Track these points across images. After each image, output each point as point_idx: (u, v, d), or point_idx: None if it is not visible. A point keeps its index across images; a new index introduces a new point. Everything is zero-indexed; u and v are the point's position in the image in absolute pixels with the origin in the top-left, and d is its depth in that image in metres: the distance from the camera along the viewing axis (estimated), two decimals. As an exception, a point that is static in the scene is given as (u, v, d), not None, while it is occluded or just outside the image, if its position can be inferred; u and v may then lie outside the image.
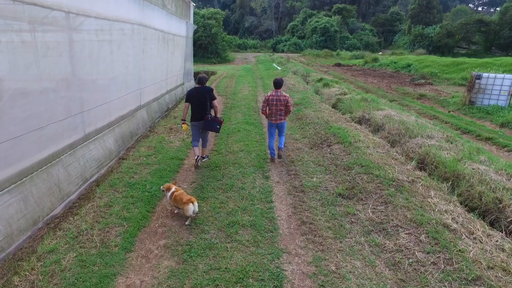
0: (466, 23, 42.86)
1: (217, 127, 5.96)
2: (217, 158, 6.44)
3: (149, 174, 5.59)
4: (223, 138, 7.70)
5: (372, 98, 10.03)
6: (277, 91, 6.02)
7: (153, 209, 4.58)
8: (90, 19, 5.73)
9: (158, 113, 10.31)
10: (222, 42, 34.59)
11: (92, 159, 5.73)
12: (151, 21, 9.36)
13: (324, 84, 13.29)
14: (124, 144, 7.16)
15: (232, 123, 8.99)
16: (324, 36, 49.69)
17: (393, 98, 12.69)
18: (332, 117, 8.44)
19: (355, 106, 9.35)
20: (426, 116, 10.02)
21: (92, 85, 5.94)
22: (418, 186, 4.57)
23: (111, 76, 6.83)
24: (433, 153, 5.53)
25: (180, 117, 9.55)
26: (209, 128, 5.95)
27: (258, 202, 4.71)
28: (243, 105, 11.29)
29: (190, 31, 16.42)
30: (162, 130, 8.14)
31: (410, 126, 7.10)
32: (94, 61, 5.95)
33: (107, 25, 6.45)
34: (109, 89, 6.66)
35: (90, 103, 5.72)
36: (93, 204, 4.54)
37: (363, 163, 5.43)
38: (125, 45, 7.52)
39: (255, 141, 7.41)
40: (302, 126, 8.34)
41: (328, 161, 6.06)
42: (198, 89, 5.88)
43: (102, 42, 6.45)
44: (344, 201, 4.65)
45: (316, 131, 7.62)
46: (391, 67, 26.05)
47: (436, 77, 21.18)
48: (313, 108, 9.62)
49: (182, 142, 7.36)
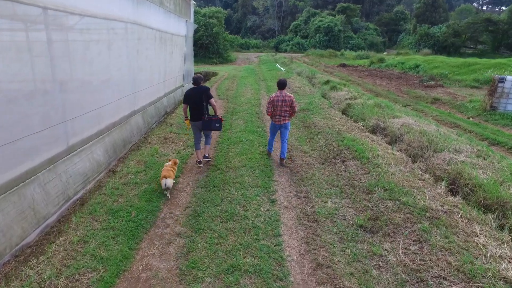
0: (474, 23, 41.87)
1: (217, 126, 5.91)
2: (216, 175, 5.67)
3: (136, 196, 4.82)
4: (223, 150, 6.92)
5: (386, 103, 9.22)
6: (282, 91, 5.99)
7: (138, 244, 3.81)
8: (73, 16, 5.04)
9: (155, 118, 9.61)
10: (224, 42, 33.81)
11: (77, 174, 5.03)
12: (147, 20, 8.68)
13: (331, 87, 12.47)
14: (115, 154, 6.47)
15: (233, 131, 8.21)
16: (328, 36, 48.79)
17: (406, 103, 11.85)
18: (343, 126, 7.64)
19: (368, 113, 8.54)
20: (445, 123, 9.19)
21: (77, 90, 5.26)
22: (456, 218, 3.77)
23: (101, 80, 6.15)
24: (467, 173, 4.72)
25: (177, 124, 8.81)
26: (208, 128, 5.92)
27: (263, 236, 3.92)
28: (245, 110, 10.50)
29: (190, 30, 15.68)
30: (156, 140, 7.37)
31: (433, 138, 6.29)
32: (79, 64, 5.28)
33: (94, 23, 5.78)
34: (98, 94, 5.98)
35: (75, 111, 5.05)
36: (65, 239, 3.77)
37: (386, 186, 4.63)
38: (117, 45, 6.84)
39: (259, 154, 6.62)
40: (311, 136, 7.54)
41: (344, 180, 5.27)
42: (193, 90, 5.90)
43: (89, 42, 5.77)
44: (367, 236, 3.86)
45: (327, 143, 6.82)
46: (398, 68, 25.18)
47: (446, 78, 20.30)
48: (322, 114, 8.82)
49: (176, 155, 6.59)
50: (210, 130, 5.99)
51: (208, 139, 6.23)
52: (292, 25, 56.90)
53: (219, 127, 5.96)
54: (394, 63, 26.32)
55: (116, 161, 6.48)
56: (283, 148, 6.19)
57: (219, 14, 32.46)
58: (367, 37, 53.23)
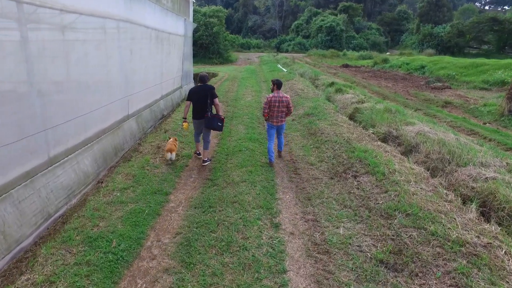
0: (478, 22, 41.14)
1: (219, 125, 5.88)
2: (212, 192, 5.04)
3: (120, 219, 4.19)
4: (221, 161, 6.29)
5: (397, 108, 8.56)
6: (278, 92, 5.95)
7: (116, 285, 3.18)
8: (53, 11, 4.49)
9: (150, 122, 9.04)
10: (224, 42, 33.14)
11: (60, 188, 4.50)
12: (142, 18, 8.14)
13: (336, 89, 11.82)
14: (105, 163, 5.94)
15: (232, 139, 7.57)
16: (330, 36, 48.11)
17: (416, 107, 11.18)
18: (353, 134, 6.99)
19: (378, 119, 7.90)
20: (461, 130, 8.52)
21: (60, 95, 4.72)
22: (500, 255, 3.13)
23: (88, 83, 5.58)
24: (503, 194, 4.08)
25: (172, 130, 8.19)
26: (210, 126, 5.88)
27: (266, 274, 3.29)
28: (245, 115, 9.87)
29: (189, 30, 15.07)
30: (148, 148, 6.74)
31: (454, 149, 5.65)
32: (62, 66, 4.73)
33: (80, 21, 5.24)
34: (86, 99, 5.44)
35: (57, 118, 4.54)
36: (27, 279, 3.14)
37: (408, 209, 3.99)
38: (107, 45, 6.29)
39: (260, 166, 5.99)
40: (318, 145, 6.89)
41: (357, 200, 4.63)
42: (199, 87, 5.92)
43: (74, 41, 5.23)
44: (389, 275, 3.22)
45: (336, 154, 6.17)
46: (403, 69, 24.50)
47: (454, 80, 19.64)
48: (328, 120, 8.17)
49: (169, 167, 5.96)
50: (212, 128, 5.94)
51: (207, 144, 6.12)
52: (294, 25, 56.20)
53: (221, 127, 5.93)
54: (398, 63, 25.63)
55: (106, 170, 5.93)
56: (280, 143, 6.37)
57: (220, 13, 31.79)
58: (370, 37, 52.51)
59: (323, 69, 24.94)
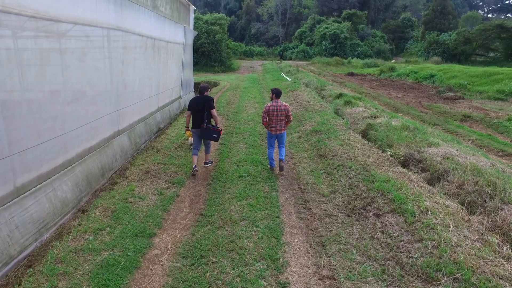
0: (485, 29, 40.38)
1: (214, 136, 6.02)
2: (205, 234, 4.15)
3: (87, 275, 3.32)
4: (218, 189, 5.42)
5: (415, 125, 7.68)
6: (277, 101, 5.96)
7: None
8: (19, 18, 3.83)
9: (145, 137, 8.29)
10: (227, 50, 32.55)
11: (29, 222, 3.82)
12: (135, 26, 7.50)
13: (345, 101, 10.96)
14: (89, 186, 5.24)
15: (232, 160, 6.71)
16: (334, 43, 47.50)
17: (433, 121, 10.28)
18: (369, 157, 6.10)
19: (396, 138, 7.02)
20: (491, 151, 7.61)
21: (32, 114, 4.01)
22: None
23: (68, 99, 4.89)
24: None
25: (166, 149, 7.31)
26: (206, 136, 6.03)
27: None
28: (247, 130, 9.02)
29: (189, 38, 14.38)
30: (135, 174, 5.89)
31: (494, 179, 4.75)
32: (33, 80, 4.07)
33: (57, 29, 4.55)
34: (65, 117, 4.75)
35: (27, 140, 3.88)
36: None
37: (455, 270, 3.08)
38: (92, 56, 5.65)
39: (264, 197, 5.11)
40: (329, 170, 6.00)
41: (383, 250, 3.72)
42: (197, 98, 6.12)
43: (49, 52, 4.58)
44: None
45: (352, 183, 5.28)
46: (411, 78, 23.65)
47: (466, 89, 18.76)
48: (340, 139, 7.29)
49: (158, 197, 5.10)
50: (207, 139, 6.11)
51: (208, 148, 6.37)
52: (297, 32, 55.70)
53: (216, 138, 6.07)
54: (406, 72, 24.80)
55: (90, 195, 5.21)
56: (282, 152, 6.18)
57: (222, 21, 31.22)
58: (374, 44, 51.84)
59: (328, 77, 24.14)
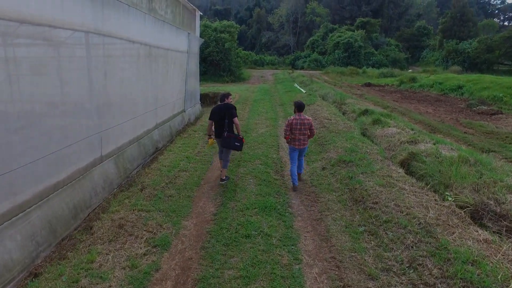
0: (510, 36, 38.28)
1: (236, 144, 5.85)
2: None
3: None
4: (215, 258, 3.77)
5: (476, 157, 5.92)
6: (300, 114, 5.80)
7: None
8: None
9: (138, 160, 6.88)
10: (237, 58, 31.16)
11: None
12: (123, 29, 6.29)
13: (374, 120, 9.23)
14: (53, 235, 4.00)
15: (237, 206, 5.06)
16: (348, 52, 45.83)
17: (483, 145, 8.47)
18: (427, 208, 4.37)
19: (454, 176, 5.30)
20: None
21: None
22: None
23: (15, 125, 3.65)
24: None
25: (153, 187, 5.73)
26: (227, 145, 5.83)
27: None
28: (258, 158, 7.37)
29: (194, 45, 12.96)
30: (105, 228, 4.28)
31: None
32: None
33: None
34: (10, 149, 3.54)
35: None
36: None
37: None
38: (58, 65, 4.43)
39: (282, 277, 3.43)
40: (372, 228, 4.25)
41: None
42: (219, 106, 5.98)
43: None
44: None
45: (413, 257, 3.55)
46: (435, 89, 21.75)
47: (502, 102, 16.83)
48: (378, 175, 5.58)
49: (127, 274, 3.48)
50: (230, 148, 5.89)
51: (225, 163, 6.07)
52: (309, 41, 54.32)
53: (239, 146, 5.91)
54: (429, 83, 22.90)
55: (54, 247, 3.90)
56: (301, 163, 6.12)
57: (232, 29, 29.94)
58: (389, 53, 49.98)
59: (345, 89, 22.43)
